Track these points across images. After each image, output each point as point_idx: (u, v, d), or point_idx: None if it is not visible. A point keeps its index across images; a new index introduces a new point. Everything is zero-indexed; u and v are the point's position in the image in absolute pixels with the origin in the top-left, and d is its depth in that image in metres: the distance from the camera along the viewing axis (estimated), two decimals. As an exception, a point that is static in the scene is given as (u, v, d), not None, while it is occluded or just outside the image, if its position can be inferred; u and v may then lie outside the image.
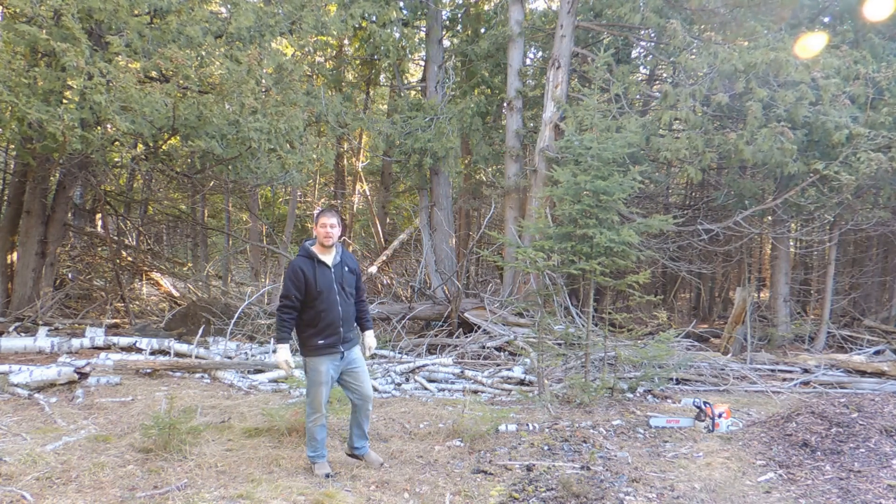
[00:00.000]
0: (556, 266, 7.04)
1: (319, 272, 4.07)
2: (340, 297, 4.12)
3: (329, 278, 4.09)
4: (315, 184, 19.33)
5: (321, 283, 4.04)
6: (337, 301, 4.10)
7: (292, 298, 4.02)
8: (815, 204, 10.19)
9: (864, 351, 10.12)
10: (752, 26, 9.94)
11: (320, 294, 4.03)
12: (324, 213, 4.14)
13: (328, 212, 4.15)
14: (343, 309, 4.12)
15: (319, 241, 4.12)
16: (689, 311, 16.90)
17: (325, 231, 4.08)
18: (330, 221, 4.11)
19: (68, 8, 6.58)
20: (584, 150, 6.77)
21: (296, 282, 4.01)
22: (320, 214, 4.13)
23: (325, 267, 4.10)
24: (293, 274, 4.03)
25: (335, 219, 4.15)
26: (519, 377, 7.67)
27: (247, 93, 7.93)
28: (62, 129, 6.75)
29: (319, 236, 4.10)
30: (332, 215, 4.13)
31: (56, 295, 10.21)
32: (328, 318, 4.05)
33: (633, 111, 11.33)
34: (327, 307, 4.06)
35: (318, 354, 4.05)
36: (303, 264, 4.06)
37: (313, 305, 4.04)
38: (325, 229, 4.09)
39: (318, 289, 4.02)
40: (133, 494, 3.79)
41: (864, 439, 4.78)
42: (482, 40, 14.44)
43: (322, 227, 4.10)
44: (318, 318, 4.04)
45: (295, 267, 4.05)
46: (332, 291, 4.08)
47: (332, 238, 4.10)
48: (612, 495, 4.04)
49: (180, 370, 7.35)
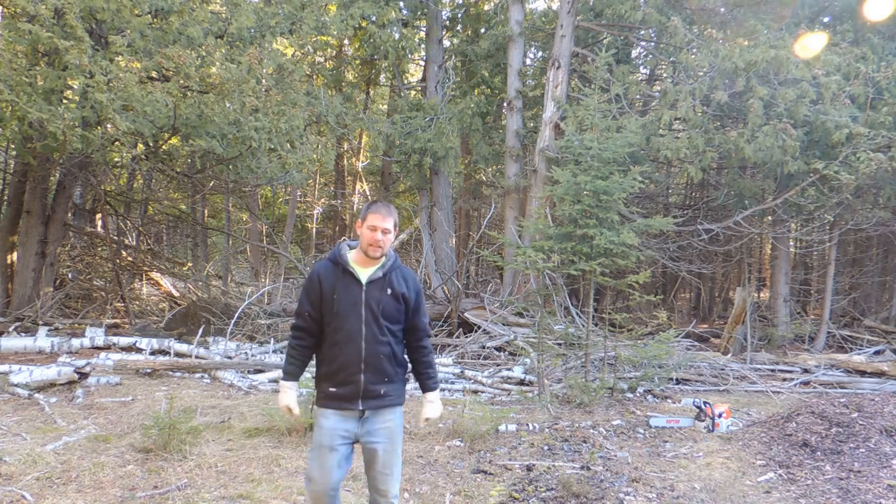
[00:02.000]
0: (556, 266, 7.04)
1: (342, 285, 2.79)
2: (368, 330, 2.77)
3: (355, 298, 2.77)
4: (315, 184, 19.34)
5: (341, 302, 2.77)
6: (361, 333, 2.77)
7: (304, 316, 2.85)
8: (815, 204, 10.19)
9: (864, 351, 10.12)
10: (752, 25, 9.95)
11: (336, 317, 2.77)
12: (376, 208, 2.82)
13: (382, 207, 2.82)
14: (369, 347, 2.77)
15: (363, 248, 2.81)
16: (689, 311, 16.90)
17: (372, 237, 2.76)
18: (384, 224, 2.77)
19: (71, 7, 6.58)
20: (584, 149, 6.77)
21: (309, 292, 2.84)
22: (371, 209, 2.81)
23: (352, 280, 2.80)
24: (308, 281, 2.89)
25: (391, 220, 2.80)
26: (519, 377, 7.67)
27: (247, 92, 7.93)
28: (63, 128, 6.75)
29: (364, 242, 2.80)
30: (387, 214, 2.80)
31: (56, 295, 10.21)
32: (343, 356, 2.77)
33: (633, 111, 11.34)
34: (344, 339, 2.77)
35: (325, 405, 2.83)
36: (323, 270, 2.85)
37: (329, 333, 2.82)
38: (373, 234, 2.76)
39: (334, 309, 2.77)
40: (133, 494, 3.79)
41: (864, 439, 4.78)
42: (482, 40, 14.44)
43: (371, 229, 2.76)
44: (332, 354, 2.81)
45: (312, 272, 2.89)
46: (356, 318, 2.76)
47: (382, 249, 2.79)
48: (612, 495, 4.04)
49: (180, 370, 7.35)
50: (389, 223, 2.81)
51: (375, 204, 2.85)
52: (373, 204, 2.86)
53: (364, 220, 2.82)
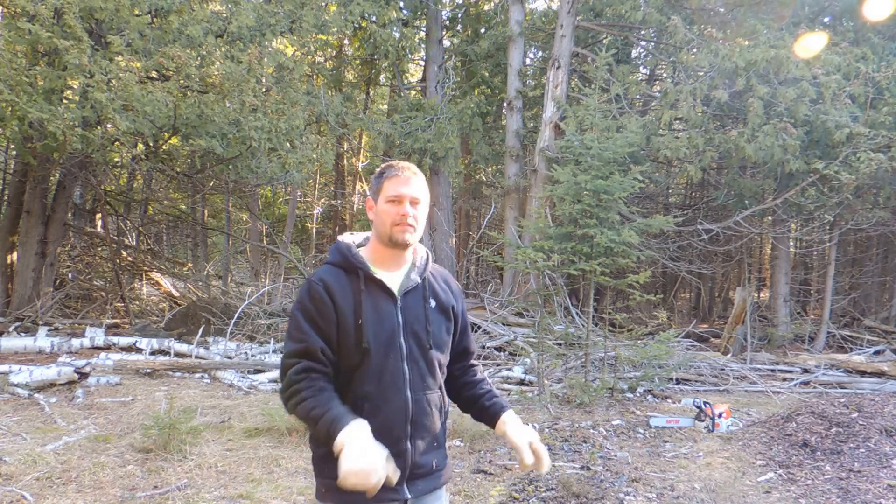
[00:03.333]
0: (556, 266, 7.04)
1: (369, 303, 1.74)
2: (414, 370, 1.77)
3: (390, 321, 1.75)
4: (315, 184, 19.34)
5: (372, 329, 1.72)
6: (405, 377, 1.76)
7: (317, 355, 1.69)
8: (815, 204, 10.20)
9: (864, 351, 10.11)
10: (752, 25, 9.95)
11: (366, 356, 1.71)
12: (395, 170, 1.79)
13: (404, 169, 1.80)
14: (417, 396, 1.78)
15: (384, 235, 1.77)
16: (689, 311, 16.90)
17: (398, 212, 1.75)
18: (411, 191, 1.77)
19: (70, 7, 6.58)
20: (584, 149, 6.77)
21: (316, 317, 1.71)
22: (388, 174, 1.79)
23: (380, 292, 1.77)
24: (309, 298, 1.73)
25: (421, 185, 1.81)
26: (519, 377, 7.67)
27: (247, 92, 7.94)
28: (63, 128, 6.76)
29: (384, 224, 1.77)
30: (413, 176, 1.79)
31: (56, 295, 10.21)
32: (381, 415, 1.72)
33: (633, 111, 11.33)
34: (378, 390, 1.73)
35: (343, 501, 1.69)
36: (332, 280, 1.74)
37: (350, 381, 1.74)
38: (398, 208, 1.75)
39: (363, 342, 1.70)
40: (133, 494, 3.79)
41: (864, 439, 4.78)
42: (482, 40, 14.44)
43: (393, 202, 1.76)
44: (357, 414, 1.65)
45: (314, 284, 1.74)
46: (396, 353, 1.75)
47: (415, 228, 1.78)
48: (612, 495, 4.04)
49: (180, 370, 7.35)
50: (420, 190, 1.78)
51: (392, 167, 1.80)
52: (386, 167, 1.82)
53: (379, 192, 1.78)
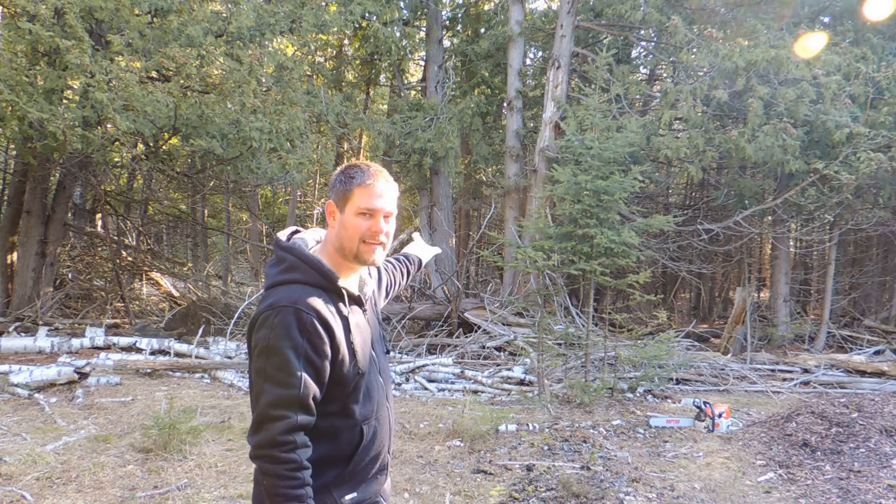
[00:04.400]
0: (556, 266, 7.04)
1: (353, 322, 1.62)
2: (385, 378, 1.76)
3: (366, 335, 1.67)
4: (315, 184, 19.34)
5: (361, 350, 1.62)
6: (380, 386, 1.72)
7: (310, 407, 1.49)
8: (815, 204, 10.20)
9: (864, 351, 10.11)
10: (752, 25, 9.95)
11: (361, 378, 1.61)
12: (367, 176, 1.60)
13: (376, 176, 1.61)
14: (389, 402, 1.77)
15: (349, 251, 1.61)
16: (689, 311, 16.89)
17: (371, 227, 1.59)
18: (385, 205, 1.62)
19: (71, 7, 6.59)
20: (584, 149, 6.77)
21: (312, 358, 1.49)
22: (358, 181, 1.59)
23: (357, 308, 1.67)
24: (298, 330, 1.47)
25: (394, 198, 1.67)
26: (519, 377, 7.67)
27: (248, 92, 7.94)
28: (63, 128, 6.76)
29: (350, 239, 1.59)
30: (387, 184, 1.63)
31: (56, 295, 10.21)
32: (377, 439, 1.67)
33: (633, 111, 11.34)
34: (373, 413, 1.66)
35: None
36: (319, 306, 1.52)
37: (342, 408, 1.59)
38: (371, 223, 1.59)
39: (360, 368, 1.60)
40: (133, 494, 3.79)
41: (864, 439, 4.78)
42: (482, 40, 14.44)
43: (365, 215, 1.59)
44: (352, 441, 1.61)
45: (302, 316, 1.48)
46: (374, 363, 1.69)
47: (383, 248, 1.64)
48: (612, 495, 4.04)
49: (180, 370, 7.35)
50: (393, 201, 1.64)
51: (362, 171, 1.59)
52: (356, 170, 1.60)
53: (347, 199, 1.58)
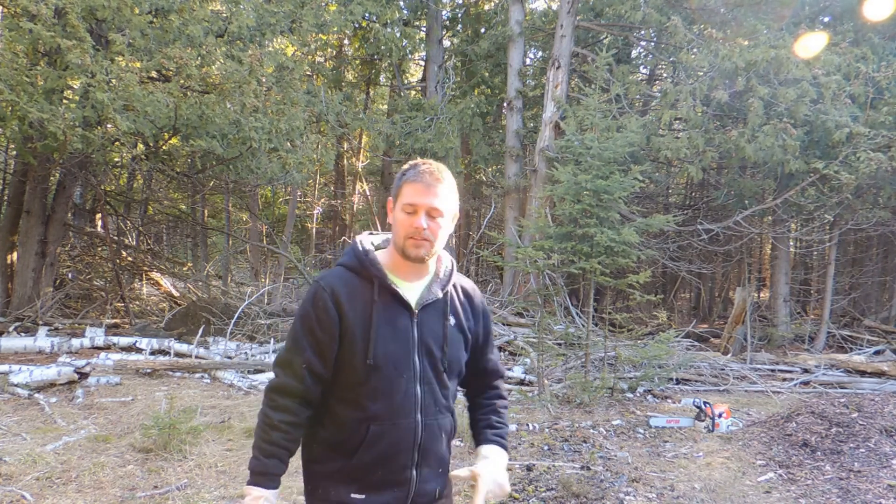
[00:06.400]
0: (556, 266, 7.04)
1: (382, 314, 1.60)
2: (427, 392, 1.63)
3: (404, 336, 1.61)
4: (315, 184, 19.34)
5: (383, 345, 1.59)
6: (416, 399, 1.61)
7: (299, 372, 1.59)
8: (815, 204, 10.20)
9: (864, 351, 10.11)
10: (752, 25, 9.95)
11: (374, 373, 1.58)
12: (417, 174, 1.60)
13: (426, 173, 1.59)
14: (429, 421, 1.63)
15: (398, 246, 1.62)
16: (689, 311, 16.89)
17: (410, 224, 1.58)
18: (430, 200, 1.58)
19: (72, 7, 6.58)
20: (584, 149, 6.78)
21: (316, 328, 1.58)
22: (408, 177, 1.61)
23: (395, 304, 1.62)
24: (312, 306, 1.59)
25: (443, 192, 1.60)
26: (519, 377, 7.67)
27: (248, 92, 7.93)
28: (63, 128, 6.75)
29: (398, 234, 1.61)
30: (435, 182, 1.59)
31: (56, 295, 10.21)
32: (387, 440, 1.60)
33: (633, 111, 11.34)
34: (387, 411, 1.59)
35: None
36: (341, 285, 1.60)
37: (355, 399, 1.60)
38: (412, 219, 1.57)
39: (369, 357, 1.57)
40: (133, 494, 3.79)
41: (864, 439, 4.78)
42: (482, 40, 14.45)
43: (408, 211, 1.58)
44: (358, 436, 1.59)
45: (319, 289, 1.60)
46: (409, 372, 1.61)
47: (430, 246, 1.60)
48: (612, 495, 4.04)
49: (180, 370, 7.35)
50: (441, 199, 1.58)
51: (416, 168, 1.60)
52: (409, 167, 1.62)
53: (398, 195, 1.60)
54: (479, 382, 1.85)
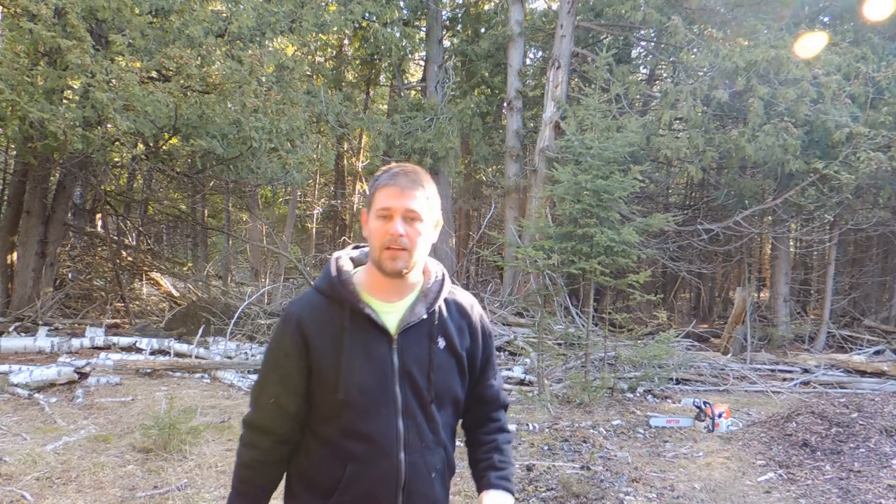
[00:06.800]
0: (556, 266, 7.04)
1: (354, 344, 1.44)
2: (410, 427, 1.46)
3: (382, 366, 1.45)
4: (315, 184, 19.34)
5: (357, 377, 1.43)
6: (398, 436, 1.45)
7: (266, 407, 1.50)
8: (815, 204, 10.20)
9: (864, 351, 10.11)
10: (752, 25, 9.96)
11: (347, 409, 1.44)
12: (390, 178, 1.44)
13: (402, 176, 1.44)
14: (413, 460, 1.46)
15: (375, 260, 1.45)
16: (689, 311, 16.89)
17: (385, 231, 1.41)
18: (406, 202, 1.41)
19: (73, 7, 6.58)
20: (584, 149, 6.78)
21: (281, 362, 1.48)
22: (381, 182, 1.45)
23: (370, 330, 1.46)
24: (277, 338, 1.49)
25: (421, 194, 1.44)
26: (519, 377, 7.67)
27: (248, 92, 7.93)
28: (63, 128, 6.75)
29: (374, 244, 1.44)
30: (411, 185, 1.43)
31: (56, 295, 10.21)
32: (365, 480, 1.44)
33: (633, 111, 11.34)
34: (364, 451, 1.44)
35: None
36: (309, 314, 1.47)
37: (330, 437, 1.47)
38: (387, 226, 1.41)
39: (340, 393, 1.42)
40: (133, 494, 3.79)
41: (864, 439, 4.78)
42: (482, 40, 14.45)
43: (382, 217, 1.42)
44: (334, 476, 1.45)
45: (287, 319, 1.49)
46: (388, 407, 1.45)
47: (409, 254, 1.43)
48: (612, 495, 4.04)
49: (180, 370, 7.35)
50: (419, 201, 1.43)
51: (390, 171, 1.46)
52: (381, 172, 1.48)
53: (371, 203, 1.46)
54: (477, 412, 1.65)
